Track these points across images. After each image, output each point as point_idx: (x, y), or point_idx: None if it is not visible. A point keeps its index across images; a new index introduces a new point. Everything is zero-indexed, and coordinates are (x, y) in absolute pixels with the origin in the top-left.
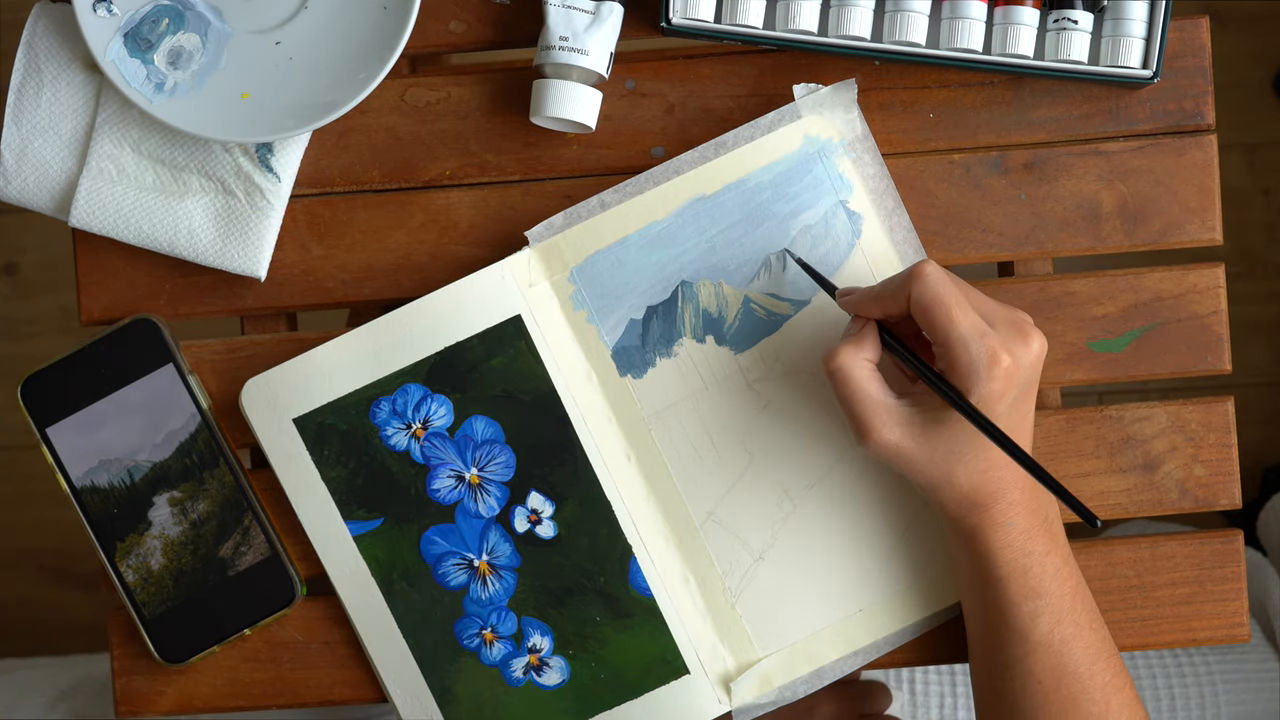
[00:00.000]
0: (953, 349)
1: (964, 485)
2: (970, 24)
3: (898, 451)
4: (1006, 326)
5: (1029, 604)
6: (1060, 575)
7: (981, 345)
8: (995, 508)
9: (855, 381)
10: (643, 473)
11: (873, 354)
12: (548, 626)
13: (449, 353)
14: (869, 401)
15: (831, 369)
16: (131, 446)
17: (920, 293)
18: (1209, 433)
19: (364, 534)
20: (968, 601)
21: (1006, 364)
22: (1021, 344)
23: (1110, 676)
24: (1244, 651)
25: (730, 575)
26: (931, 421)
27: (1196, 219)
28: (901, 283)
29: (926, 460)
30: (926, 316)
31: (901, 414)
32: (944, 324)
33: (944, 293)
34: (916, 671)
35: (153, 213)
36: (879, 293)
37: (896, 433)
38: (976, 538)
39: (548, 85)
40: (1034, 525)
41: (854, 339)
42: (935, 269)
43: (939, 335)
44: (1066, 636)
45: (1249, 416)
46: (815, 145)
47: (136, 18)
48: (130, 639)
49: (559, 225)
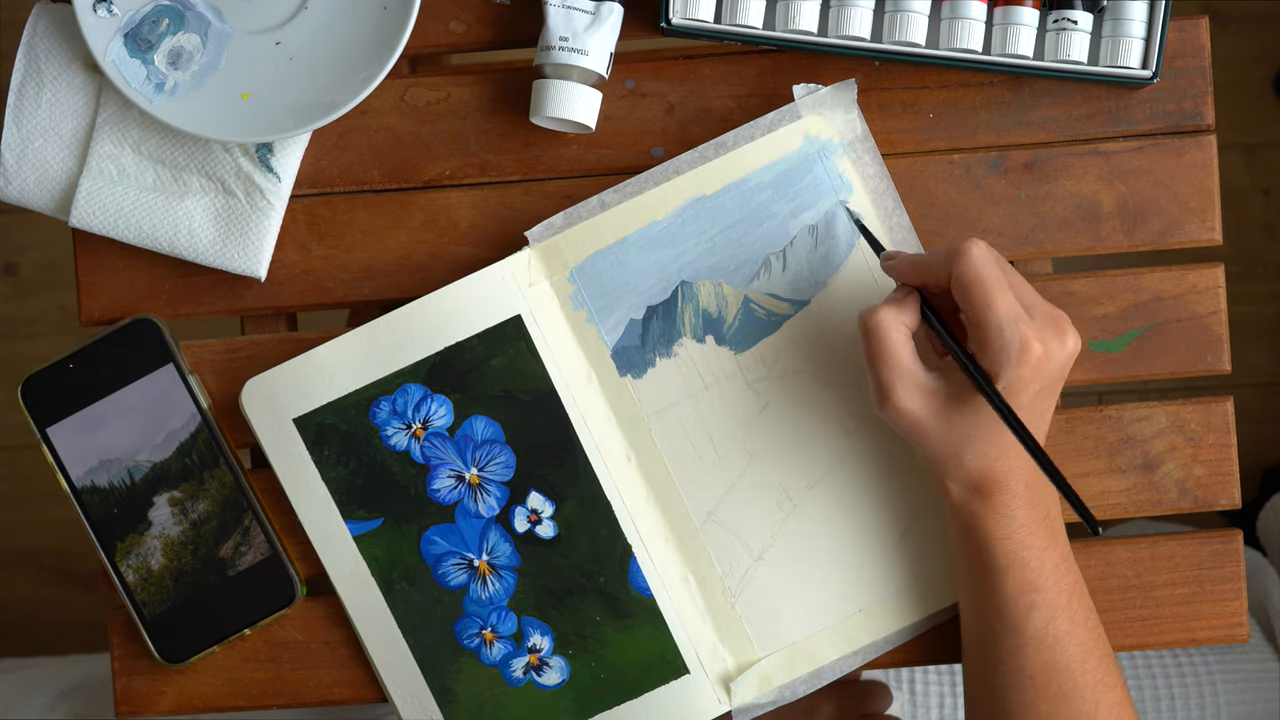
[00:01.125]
0: (987, 331)
1: (971, 468)
2: (970, 24)
3: (914, 420)
4: (1044, 318)
5: (1025, 598)
6: (1058, 571)
7: (1016, 330)
8: (998, 497)
9: (889, 342)
10: (643, 473)
11: (911, 321)
12: (548, 626)
13: (449, 353)
14: (898, 364)
15: (869, 324)
16: (131, 446)
17: (962, 270)
18: (1209, 433)
19: (364, 534)
20: (964, 594)
21: (1038, 353)
22: (1056, 338)
23: (1102, 675)
24: (1244, 651)
25: (730, 575)
26: (953, 399)
27: (1196, 219)
28: (946, 256)
29: (940, 436)
30: (966, 294)
31: (926, 385)
32: (982, 305)
33: (986, 273)
34: (916, 671)
35: (153, 213)
36: (924, 262)
37: (917, 401)
38: (976, 526)
39: (548, 85)
40: (1035, 520)
41: (896, 301)
42: (981, 248)
43: (975, 315)
44: (1060, 633)
45: (1249, 416)
46: (815, 145)
47: (136, 18)
48: (130, 639)
49: (559, 225)
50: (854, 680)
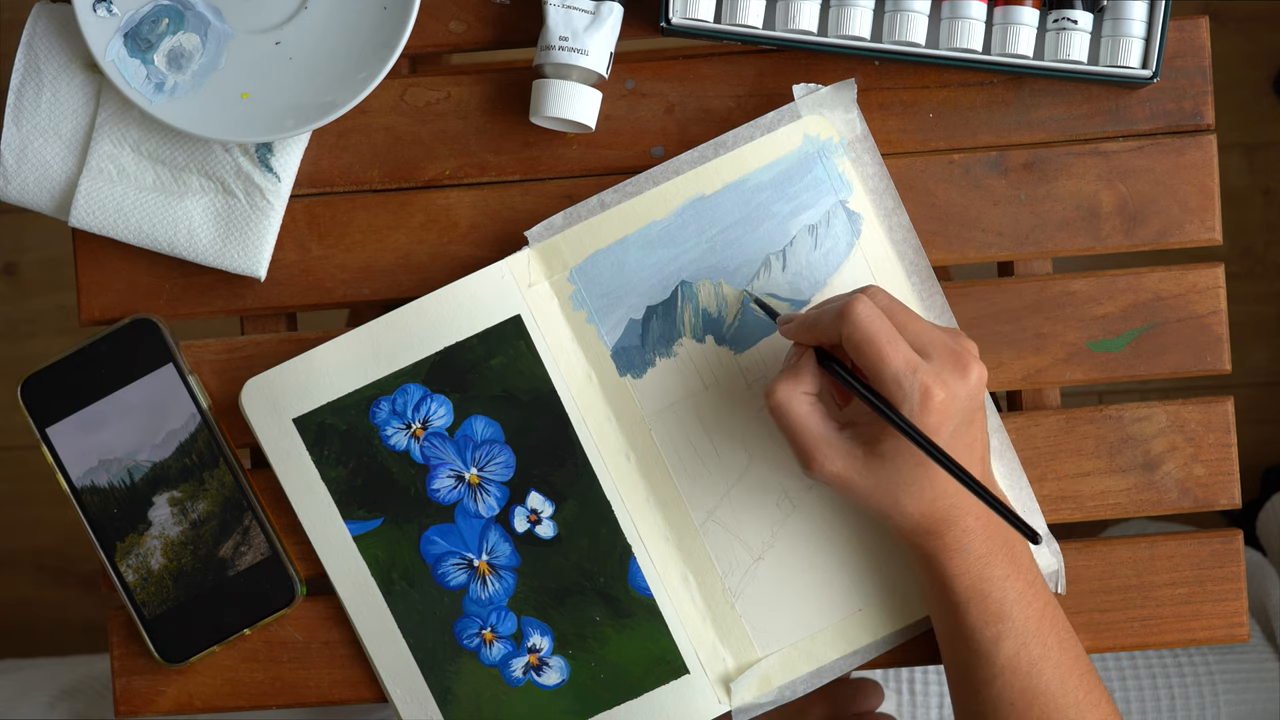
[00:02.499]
0: (886, 387)
1: (913, 513)
2: (970, 24)
3: (843, 482)
4: (944, 358)
5: (990, 628)
6: (1024, 599)
7: (915, 381)
8: (949, 534)
9: (794, 415)
10: (643, 473)
11: (811, 385)
12: (547, 626)
13: (449, 353)
14: (809, 435)
15: (771, 405)
16: (131, 446)
17: (850, 332)
18: (1209, 433)
19: (364, 534)
20: (936, 625)
21: (940, 398)
22: (958, 376)
23: (1084, 694)
24: (1244, 651)
25: (730, 575)
26: (872, 454)
27: (1196, 219)
28: (833, 319)
29: (872, 489)
30: (858, 354)
31: (843, 446)
32: (875, 363)
33: (874, 331)
34: (916, 671)
35: (153, 213)
36: (814, 321)
37: (840, 464)
38: (934, 563)
39: (548, 85)
40: (992, 550)
41: (791, 372)
42: (866, 308)
43: (871, 373)
44: (1034, 658)
45: (1249, 416)
46: (815, 145)
47: (136, 18)
48: (130, 639)
49: (559, 225)
50: (845, 680)
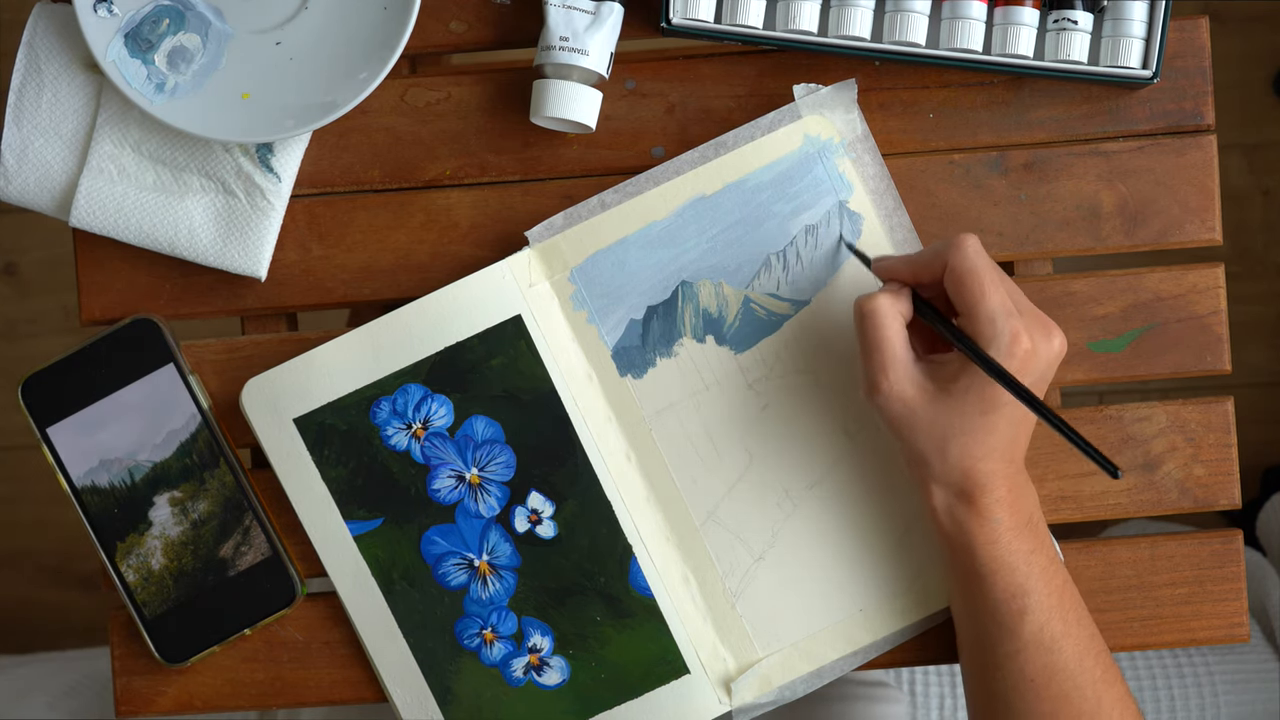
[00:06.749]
0: (979, 322)
1: (955, 466)
2: (970, 24)
3: (905, 407)
4: (1033, 317)
5: (1016, 601)
6: (1047, 573)
7: (1007, 323)
8: (981, 499)
9: (884, 328)
10: (643, 473)
11: (907, 310)
12: (548, 626)
13: (449, 353)
14: (891, 350)
15: (867, 309)
16: (132, 446)
17: (958, 261)
18: (1209, 433)
19: (364, 534)
20: (956, 602)
21: (1026, 346)
22: (1044, 336)
23: (1101, 672)
24: (1244, 651)
25: (730, 575)
26: (940, 393)
27: (1196, 219)
28: (940, 250)
29: (928, 425)
30: (959, 286)
31: (917, 373)
32: (975, 296)
33: (981, 265)
34: (916, 672)
35: (153, 213)
36: (915, 258)
37: (910, 390)
38: (962, 533)
39: (548, 85)
40: (1018, 524)
41: (893, 290)
42: (976, 242)
43: (967, 306)
44: (1056, 634)
45: (1249, 416)
46: (815, 145)
47: (137, 18)
48: (130, 639)
49: (559, 225)
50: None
